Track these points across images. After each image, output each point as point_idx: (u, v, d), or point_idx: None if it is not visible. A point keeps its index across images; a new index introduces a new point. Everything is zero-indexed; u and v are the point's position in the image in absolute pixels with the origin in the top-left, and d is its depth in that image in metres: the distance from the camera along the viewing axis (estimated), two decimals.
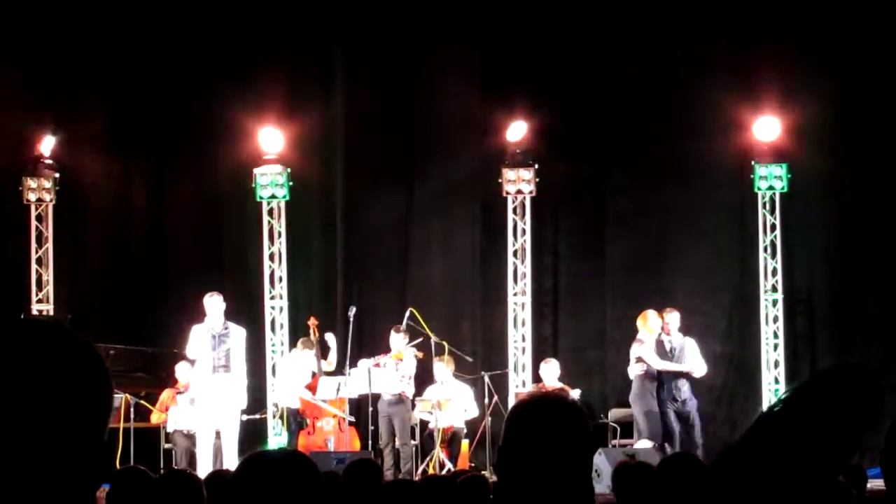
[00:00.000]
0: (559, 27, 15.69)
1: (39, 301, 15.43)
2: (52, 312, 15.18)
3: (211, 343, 12.93)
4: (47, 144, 15.38)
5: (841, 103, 15.08)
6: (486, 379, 14.03)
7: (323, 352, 14.04)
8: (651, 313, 13.44)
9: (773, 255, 15.15)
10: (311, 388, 13.85)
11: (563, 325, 15.74)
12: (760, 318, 15.13)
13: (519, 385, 14.97)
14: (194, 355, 13.06)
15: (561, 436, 2.53)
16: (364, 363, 13.42)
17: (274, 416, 14.50)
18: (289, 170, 15.34)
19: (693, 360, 13.38)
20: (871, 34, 15.15)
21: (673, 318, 13.47)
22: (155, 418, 13.75)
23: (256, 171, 15.32)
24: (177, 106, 15.51)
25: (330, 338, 14.06)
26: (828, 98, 14.94)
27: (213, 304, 13.03)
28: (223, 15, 15.75)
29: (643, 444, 12.84)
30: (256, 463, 2.70)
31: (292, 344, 14.60)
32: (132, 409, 13.22)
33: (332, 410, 13.63)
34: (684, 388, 13.29)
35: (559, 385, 13.92)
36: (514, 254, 15.44)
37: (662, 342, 13.36)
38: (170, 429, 13.56)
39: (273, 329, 15.32)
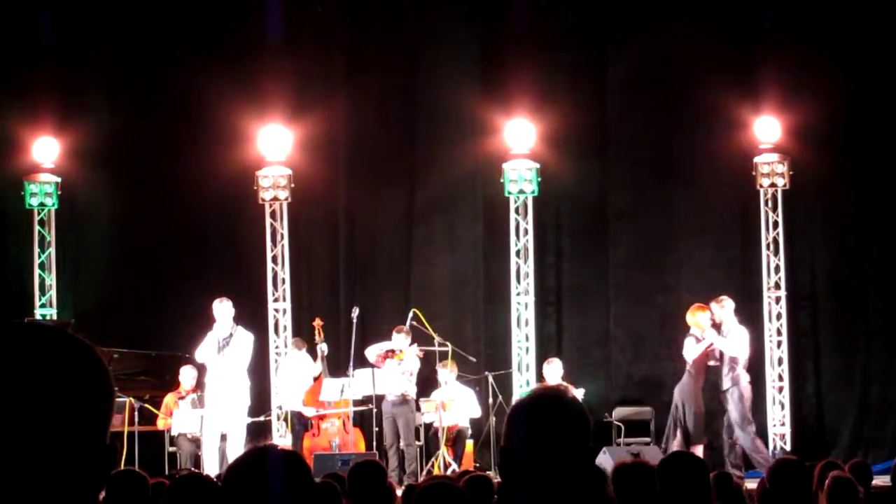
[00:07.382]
0: (560, 25, 15.69)
1: (43, 305, 15.44)
2: (55, 317, 15.19)
3: (216, 347, 13.00)
4: (49, 149, 15.39)
5: (843, 100, 15.06)
6: (490, 379, 14.03)
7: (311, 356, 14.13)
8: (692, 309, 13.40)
9: (776, 252, 15.13)
10: (315, 391, 13.87)
11: (566, 324, 15.72)
12: (763, 315, 15.11)
13: (523, 385, 14.96)
14: (201, 359, 13.12)
15: (559, 431, 2.53)
16: (372, 350, 13.44)
17: (278, 419, 14.51)
18: (290, 172, 15.35)
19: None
20: (872, 31, 15.14)
21: (722, 307, 13.36)
22: (161, 424, 13.73)
23: (259, 173, 15.34)
24: (179, 109, 15.51)
25: (322, 347, 14.06)
26: (830, 94, 14.91)
27: (222, 309, 13.08)
28: (226, 17, 15.75)
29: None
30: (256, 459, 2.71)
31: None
32: (136, 413, 13.22)
33: (338, 412, 13.69)
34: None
35: (563, 385, 13.90)
36: (517, 253, 15.43)
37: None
38: (174, 432, 13.56)
39: (276, 331, 15.32)
